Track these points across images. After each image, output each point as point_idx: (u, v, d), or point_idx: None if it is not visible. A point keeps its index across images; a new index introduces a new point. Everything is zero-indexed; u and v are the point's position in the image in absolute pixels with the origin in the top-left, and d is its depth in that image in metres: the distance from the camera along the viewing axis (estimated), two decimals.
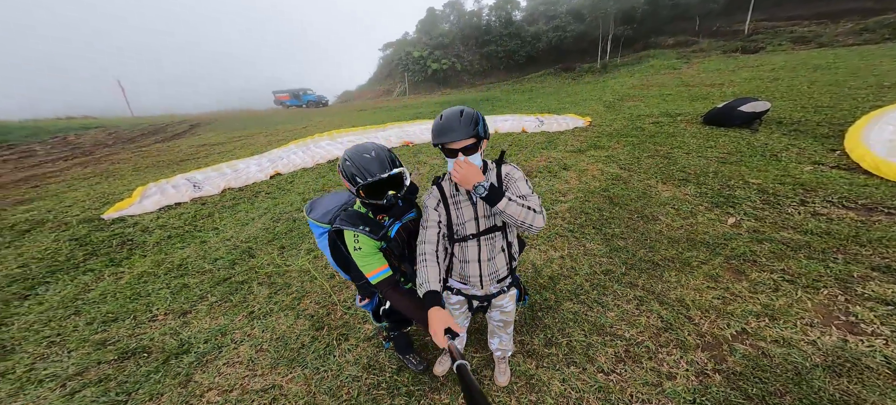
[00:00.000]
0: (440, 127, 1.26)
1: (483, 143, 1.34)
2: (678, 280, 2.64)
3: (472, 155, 1.28)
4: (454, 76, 30.16)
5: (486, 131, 1.33)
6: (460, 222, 1.44)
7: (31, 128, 14.72)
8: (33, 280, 3.45)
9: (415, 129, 9.07)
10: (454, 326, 1.19)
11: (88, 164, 9.14)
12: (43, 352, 2.50)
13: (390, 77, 33.87)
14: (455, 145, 1.25)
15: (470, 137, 1.25)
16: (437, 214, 1.44)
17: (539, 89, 18.46)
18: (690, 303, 2.41)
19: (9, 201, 6.01)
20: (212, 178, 6.05)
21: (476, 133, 1.25)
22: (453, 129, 1.24)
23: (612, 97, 11.13)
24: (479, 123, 1.27)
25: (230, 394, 2.02)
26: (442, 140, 1.25)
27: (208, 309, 2.80)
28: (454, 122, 1.25)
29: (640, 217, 3.59)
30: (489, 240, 1.48)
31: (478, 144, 1.29)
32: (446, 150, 1.28)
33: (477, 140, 1.28)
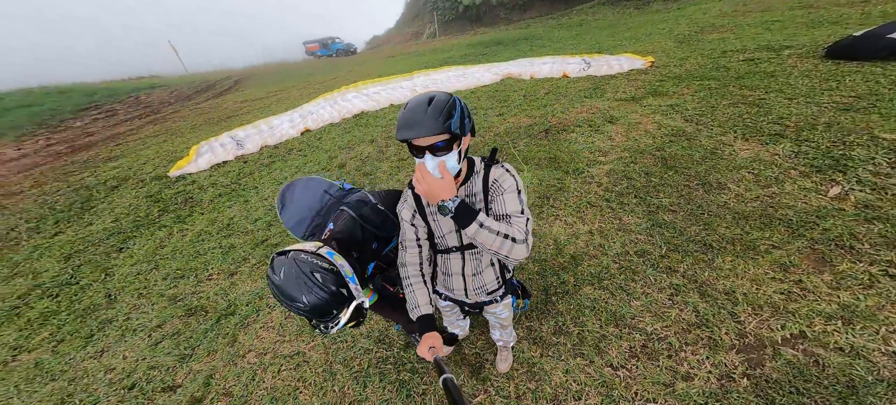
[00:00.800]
0: (403, 119, 1.00)
1: (463, 142, 1.06)
2: (733, 268, 2.25)
3: (444, 155, 1.01)
4: (489, 12, 26.53)
5: (466, 126, 1.04)
6: (440, 234, 1.25)
7: (111, 89, 17.13)
8: (124, 234, 4.20)
9: (442, 76, 8.47)
10: (440, 349, 1.18)
11: (157, 121, 10.46)
12: (135, 303, 3.10)
13: (419, 17, 31.36)
14: (421, 142, 0.99)
15: (439, 133, 0.96)
16: (413, 230, 1.25)
17: (590, 23, 15.68)
18: (741, 296, 2.06)
19: (101, 158, 7.27)
20: (252, 135, 6.55)
21: (447, 128, 0.96)
22: (417, 123, 0.97)
23: (689, 29, 9.04)
24: (452, 116, 0.98)
25: (265, 357, 2.32)
26: (404, 136, 0.99)
27: (249, 271, 3.16)
28: (419, 112, 0.98)
29: (701, 184, 3.04)
30: (475, 254, 1.28)
31: (451, 143, 1.01)
32: (412, 148, 1.03)
33: (450, 137, 1.00)
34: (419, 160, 1.04)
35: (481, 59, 10.41)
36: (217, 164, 5.64)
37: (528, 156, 4.09)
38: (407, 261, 1.29)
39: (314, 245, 1.16)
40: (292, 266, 1.05)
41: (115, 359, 2.53)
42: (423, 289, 1.27)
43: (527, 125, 4.91)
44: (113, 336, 2.77)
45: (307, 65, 23.30)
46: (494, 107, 5.97)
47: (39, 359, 2.65)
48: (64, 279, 3.62)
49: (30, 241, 4.48)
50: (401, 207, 1.28)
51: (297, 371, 2.18)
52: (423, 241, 1.28)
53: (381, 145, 5.32)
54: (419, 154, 1.03)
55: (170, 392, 2.20)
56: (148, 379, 2.32)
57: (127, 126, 10.50)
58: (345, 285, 1.11)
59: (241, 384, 2.15)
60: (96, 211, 4.98)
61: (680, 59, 6.47)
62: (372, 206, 1.44)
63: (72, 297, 3.33)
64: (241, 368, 2.26)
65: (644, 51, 7.61)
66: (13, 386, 2.44)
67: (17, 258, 4.16)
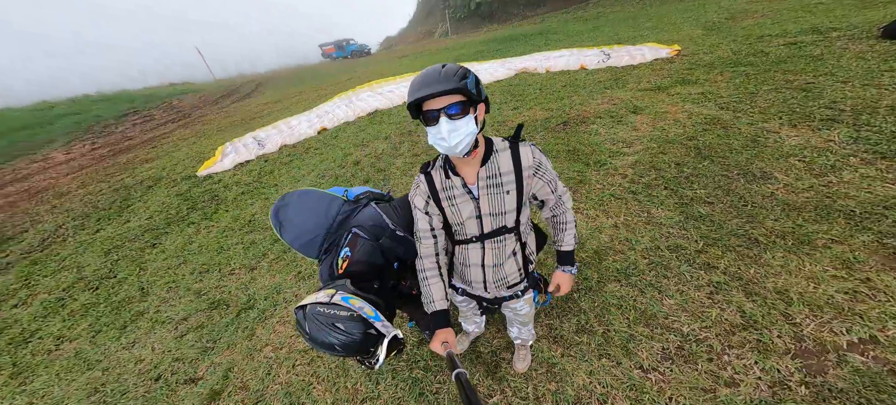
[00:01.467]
0: (415, 82, 0.94)
1: (478, 109, 1.00)
2: (785, 264, 2.03)
3: (460, 119, 0.93)
4: (501, 9, 25.77)
5: (481, 92, 0.98)
6: (458, 221, 1.15)
7: (149, 95, 18.24)
8: (157, 230, 4.40)
9: None
10: (452, 344, 1.14)
11: (188, 124, 11.02)
12: (164, 296, 3.22)
13: (431, 16, 31.15)
14: (433, 104, 0.92)
15: (454, 90, 0.89)
16: (427, 220, 1.17)
17: (608, 16, 14.96)
18: (797, 296, 1.85)
19: (139, 160, 7.72)
20: (272, 135, 6.75)
21: (463, 87, 0.90)
22: (430, 82, 0.91)
23: (719, 16, 8.44)
24: (467, 76, 0.93)
25: (280, 351, 2.33)
26: (417, 96, 0.91)
27: (268, 266, 3.20)
28: (433, 74, 0.93)
29: (743, 174, 2.78)
30: (496, 243, 1.19)
31: (468, 106, 0.94)
32: (425, 114, 0.96)
33: (466, 100, 0.93)
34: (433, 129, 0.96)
35: (495, 55, 10.20)
36: (240, 164, 5.83)
37: (546, 149, 3.93)
38: (422, 254, 1.21)
39: (326, 294, 1.07)
40: (313, 322, 1.00)
41: (144, 351, 2.63)
42: (439, 284, 1.21)
43: (543, 118, 4.74)
44: (144, 328, 2.88)
45: (323, 66, 23.98)
46: (509, 101, 5.80)
47: (79, 349, 2.81)
48: (104, 273, 3.83)
49: (75, 238, 4.80)
50: (413, 194, 1.20)
51: (310, 366, 2.17)
52: (438, 231, 1.19)
53: (394, 142, 5.31)
54: (433, 121, 0.95)
55: (191, 384, 2.25)
56: (172, 371, 2.38)
57: (162, 130, 11.15)
58: (371, 326, 1.04)
59: (257, 378, 2.17)
60: (133, 209, 5.26)
61: (710, 47, 6.08)
62: (391, 234, 1.32)
63: (110, 290, 3.52)
64: (258, 362, 2.28)
65: (668, 40, 7.19)
66: (54, 374, 2.59)
67: (63, 253, 4.46)
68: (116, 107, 16.53)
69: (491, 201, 1.10)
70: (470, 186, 1.09)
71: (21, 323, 3.28)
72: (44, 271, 4.13)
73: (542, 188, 1.16)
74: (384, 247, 1.29)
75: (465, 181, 1.09)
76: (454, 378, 0.93)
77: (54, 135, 13.45)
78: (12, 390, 2.53)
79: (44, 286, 3.81)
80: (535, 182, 1.14)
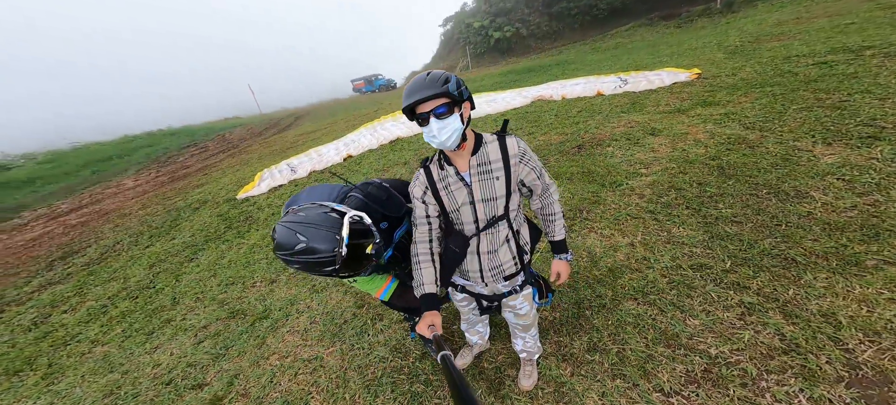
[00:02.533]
0: (405, 92, 1.11)
1: (463, 107, 1.13)
2: (830, 285, 1.81)
3: (446, 118, 1.08)
4: (519, 43, 26.51)
5: (464, 93, 1.12)
6: (454, 208, 1.25)
7: (206, 128, 20.36)
8: (196, 246, 4.74)
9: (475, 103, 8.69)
10: (439, 327, 1.19)
11: (235, 154, 12.05)
12: (192, 305, 3.41)
13: (452, 52, 32.40)
14: (424, 107, 1.08)
15: (439, 96, 1.06)
16: (424, 208, 1.28)
17: (626, 46, 14.97)
18: (847, 319, 1.64)
19: (191, 186, 8.49)
20: (303, 162, 7.20)
21: (446, 91, 1.05)
22: (418, 89, 1.08)
23: (741, 39, 8.21)
24: (449, 81, 1.08)
25: (285, 359, 2.35)
26: (409, 102, 1.08)
27: (287, 279, 3.32)
28: (419, 83, 1.09)
29: (774, 193, 2.58)
30: (490, 232, 1.28)
31: (453, 106, 1.09)
32: (418, 117, 1.12)
33: (451, 101, 1.08)
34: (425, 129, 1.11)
35: (512, 85, 10.37)
36: (274, 188, 6.26)
37: (560, 171, 3.88)
38: (416, 239, 1.30)
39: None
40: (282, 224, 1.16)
41: (163, 356, 2.75)
42: (430, 269, 1.27)
43: (558, 142, 4.73)
44: (168, 334, 3.04)
45: (353, 100, 25.49)
46: (524, 127, 5.86)
47: (108, 353, 2.99)
48: (145, 283, 4.15)
49: (128, 252, 5.29)
50: (413, 186, 1.31)
51: (312, 376, 2.16)
52: (433, 219, 1.29)
53: (413, 167, 5.48)
54: (425, 121, 1.09)
55: (197, 389, 2.31)
56: (183, 376, 2.46)
57: (214, 159, 12.33)
58: (334, 210, 1.19)
59: (259, 385, 2.19)
60: (180, 228, 5.75)
61: (732, 70, 5.88)
62: (377, 185, 1.48)
63: (147, 299, 3.79)
64: (263, 370, 2.31)
65: (688, 65, 7.07)
66: (79, 376, 2.76)
67: (115, 265, 4.91)
68: (180, 140, 18.70)
69: (482, 187, 1.21)
70: (463, 174, 1.21)
71: (66, 327, 3.59)
72: (96, 281, 4.55)
73: (528, 174, 1.26)
74: (370, 193, 1.42)
75: (457, 169, 1.21)
76: (439, 359, 0.95)
77: (129, 164, 15.32)
78: (40, 389, 2.73)
79: (93, 294, 4.18)
80: (521, 168, 1.24)
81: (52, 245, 6.73)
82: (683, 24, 15.71)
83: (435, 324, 1.20)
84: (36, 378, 2.88)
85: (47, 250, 6.44)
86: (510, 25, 26.54)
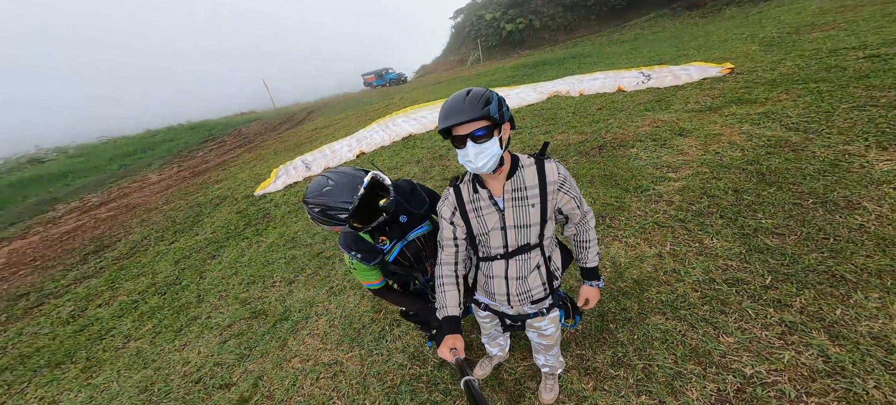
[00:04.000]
0: (443, 110, 1.04)
1: (502, 130, 1.05)
2: (883, 306, 1.70)
3: (484, 143, 1.01)
4: (532, 35, 25.63)
5: (505, 114, 1.04)
6: (483, 232, 1.19)
7: (224, 123, 20.89)
8: (218, 243, 4.87)
9: None
10: (461, 351, 1.16)
11: (252, 149, 12.30)
12: (216, 303, 3.51)
13: (464, 45, 31.60)
14: (461, 130, 1.01)
15: (479, 119, 0.98)
16: (451, 229, 1.24)
17: (646, 37, 14.25)
18: None
19: (211, 181, 8.74)
20: (317, 159, 7.28)
21: (486, 113, 0.97)
22: (457, 111, 1.00)
23: (778, 31, 7.61)
24: (490, 102, 1.00)
25: (307, 362, 2.39)
26: (446, 124, 1.01)
27: (305, 280, 3.36)
28: (458, 102, 1.01)
29: (820, 203, 2.42)
30: (520, 259, 1.23)
31: (492, 129, 1.01)
32: (454, 139, 1.05)
33: (491, 124, 1.00)
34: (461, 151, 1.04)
35: (526, 80, 10.08)
36: (290, 185, 6.36)
37: (579, 174, 3.75)
38: (442, 260, 1.28)
39: None
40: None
41: (192, 354, 2.84)
42: (454, 291, 1.25)
43: (577, 142, 4.57)
44: (195, 332, 3.14)
45: (365, 94, 25.45)
46: (540, 125, 5.69)
47: (140, 348, 3.12)
48: (172, 279, 4.30)
49: (155, 248, 5.49)
50: (441, 205, 1.27)
51: (333, 380, 2.18)
52: (460, 241, 1.26)
53: (425, 166, 5.44)
54: (461, 144, 1.03)
55: (225, 389, 2.37)
56: (211, 375, 2.54)
57: (232, 154, 12.65)
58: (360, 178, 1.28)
59: (283, 388, 2.23)
60: (202, 224, 5.92)
61: (771, 64, 5.50)
62: (406, 180, 1.51)
63: (174, 296, 3.92)
64: (286, 372, 2.35)
65: (718, 58, 6.66)
66: (116, 371, 2.89)
67: (144, 261, 5.11)
68: (199, 134, 19.33)
69: (516, 213, 1.15)
70: (496, 198, 1.15)
71: (101, 321, 3.76)
72: (127, 276, 4.75)
73: (567, 203, 1.20)
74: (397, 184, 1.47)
75: (491, 193, 1.15)
76: (463, 385, 0.93)
77: (152, 159, 15.91)
78: (80, 383, 2.87)
79: (124, 289, 4.37)
80: (560, 197, 1.18)
81: (85, 238, 7.06)
82: (710, 14, 14.79)
83: (457, 347, 1.17)
84: (76, 371, 3.03)
85: (81, 243, 6.76)
86: (523, 17, 25.75)
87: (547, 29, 25.33)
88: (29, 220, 10.39)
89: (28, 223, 10.07)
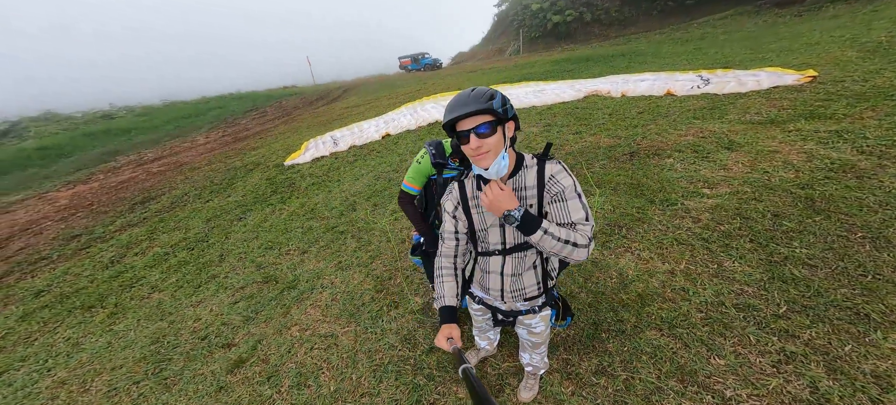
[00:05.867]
0: (449, 105, 1.05)
1: (507, 127, 1.05)
2: None
3: (488, 138, 1.01)
4: (581, 29, 24.06)
5: (509, 111, 1.04)
6: (482, 228, 1.22)
7: (267, 95, 22.23)
8: (246, 206, 5.19)
9: (518, 92, 7.94)
10: (458, 340, 1.18)
11: (288, 121, 12.86)
12: (234, 264, 3.75)
13: (504, 35, 30.48)
14: (465, 124, 1.02)
15: (483, 113, 0.99)
16: (453, 223, 1.27)
17: (717, 36, 12.81)
18: None
19: (249, 148, 9.27)
20: (345, 136, 7.46)
21: (490, 108, 0.98)
22: (463, 104, 1.01)
23: (889, 34, 6.42)
24: (494, 97, 1.01)
25: (305, 332, 2.51)
26: (450, 117, 1.02)
27: (317, 251, 3.51)
28: (464, 97, 1.03)
29: (871, 239, 2.16)
30: (517, 257, 1.24)
31: (496, 125, 1.02)
32: (458, 134, 1.05)
33: (495, 118, 1.01)
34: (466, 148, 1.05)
35: (565, 76, 9.58)
36: (317, 158, 6.61)
37: (605, 179, 3.57)
38: (442, 252, 1.31)
39: None
40: None
41: (204, 311, 3.06)
42: (452, 283, 1.28)
43: (607, 146, 4.32)
44: (212, 289, 3.38)
45: (398, 77, 25.55)
46: (571, 124, 5.43)
47: (162, 300, 3.40)
48: (201, 237, 4.64)
49: (192, 205, 5.95)
50: (445, 199, 1.29)
51: (326, 352, 2.28)
52: (461, 235, 1.28)
53: None
54: (465, 139, 1.03)
55: (226, 349, 2.55)
56: (217, 333, 2.73)
57: (270, 124, 13.34)
58: None
59: (278, 354, 2.36)
60: (234, 187, 6.33)
61: (865, 74, 4.76)
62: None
63: (201, 252, 4.24)
64: (284, 339, 2.48)
65: (802, 65, 5.88)
66: (136, 320, 3.18)
67: (181, 215, 5.56)
68: (244, 104, 20.64)
69: None
70: None
71: (134, 269, 4.14)
72: (164, 228, 5.20)
73: (558, 205, 1.15)
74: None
75: None
76: (461, 373, 0.94)
77: (202, 123, 17.14)
78: (104, 327, 3.18)
79: (160, 241, 4.78)
80: (547, 197, 1.15)
81: (136, 189, 7.78)
82: (806, 12, 12.70)
83: (453, 336, 1.19)
84: (103, 315, 3.38)
85: (131, 194, 7.46)
86: (572, 9, 24.34)
87: (598, 23, 23.90)
88: (93, 168, 11.61)
89: (92, 170, 11.25)
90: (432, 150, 1.61)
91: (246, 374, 2.26)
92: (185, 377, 2.37)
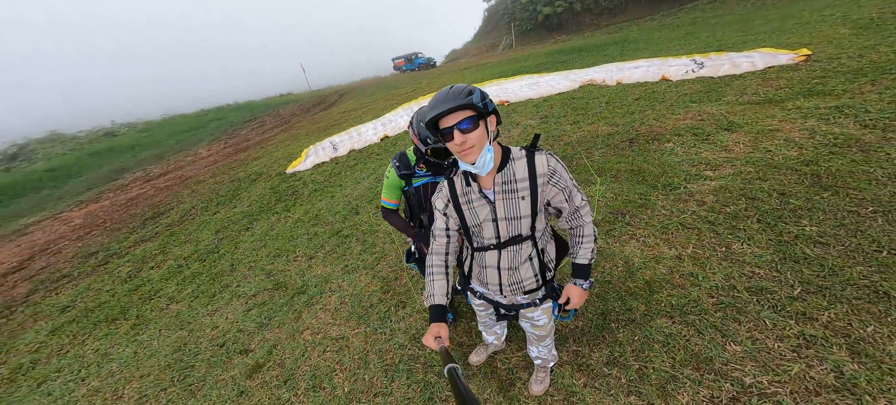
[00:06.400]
0: (429, 104, 1.06)
1: (488, 121, 1.06)
2: None
3: (471, 132, 1.02)
4: (572, 19, 23.75)
5: (488, 105, 1.05)
6: (475, 223, 1.21)
7: (265, 104, 22.20)
8: (252, 216, 5.25)
9: (513, 85, 7.96)
10: (446, 339, 1.19)
11: (287, 129, 12.94)
12: (245, 273, 3.81)
13: (496, 30, 30.19)
14: (447, 121, 1.02)
15: (463, 108, 1.00)
16: (444, 220, 1.27)
17: (708, 20, 12.67)
18: None
19: (251, 158, 9.35)
20: (344, 140, 7.51)
21: (470, 103, 0.99)
22: (443, 101, 1.01)
23: (880, 11, 6.34)
24: (473, 93, 1.01)
25: (317, 335, 2.54)
26: (432, 115, 1.02)
27: (323, 257, 3.55)
28: (443, 95, 1.03)
29: (883, 212, 2.12)
30: (512, 250, 1.24)
31: (478, 120, 1.02)
32: (442, 131, 1.06)
33: (476, 113, 1.02)
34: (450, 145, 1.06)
35: (559, 67, 9.49)
36: (318, 164, 6.66)
37: (604, 167, 3.54)
38: (433, 250, 1.31)
39: None
40: None
41: (220, 319, 3.12)
42: (443, 281, 1.27)
43: (606, 134, 4.29)
44: (226, 298, 3.44)
45: (394, 78, 25.43)
46: (568, 114, 5.39)
47: (180, 311, 3.47)
48: (211, 248, 4.72)
49: (201, 217, 6.03)
50: (435, 197, 1.30)
51: (338, 354, 2.32)
52: (452, 233, 1.28)
53: None
54: (449, 136, 1.04)
55: (243, 354, 2.60)
56: (234, 340, 2.78)
57: (270, 133, 13.45)
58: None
59: (293, 358, 2.40)
60: (240, 198, 6.40)
61: (860, 49, 4.72)
62: None
63: (212, 263, 4.31)
64: (297, 343, 2.52)
65: (795, 43, 5.82)
66: (158, 330, 3.26)
67: (191, 228, 5.64)
68: (243, 114, 20.83)
69: (506, 206, 1.16)
70: (486, 191, 1.17)
71: (151, 282, 4.23)
72: (176, 241, 5.28)
73: (556, 195, 1.18)
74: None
75: (481, 187, 1.17)
76: (446, 372, 0.94)
77: (203, 135, 17.33)
78: (129, 338, 3.27)
79: (173, 254, 4.86)
80: (549, 189, 1.16)
81: (146, 205, 7.91)
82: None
83: (441, 335, 1.19)
84: (127, 327, 3.47)
85: (142, 210, 7.59)
86: (562, 0, 24.22)
87: (589, 12, 23.58)
88: (102, 187, 11.81)
89: (101, 189, 11.45)
90: (396, 162, 1.66)
91: (264, 379, 2.31)
92: (208, 383, 2.43)
